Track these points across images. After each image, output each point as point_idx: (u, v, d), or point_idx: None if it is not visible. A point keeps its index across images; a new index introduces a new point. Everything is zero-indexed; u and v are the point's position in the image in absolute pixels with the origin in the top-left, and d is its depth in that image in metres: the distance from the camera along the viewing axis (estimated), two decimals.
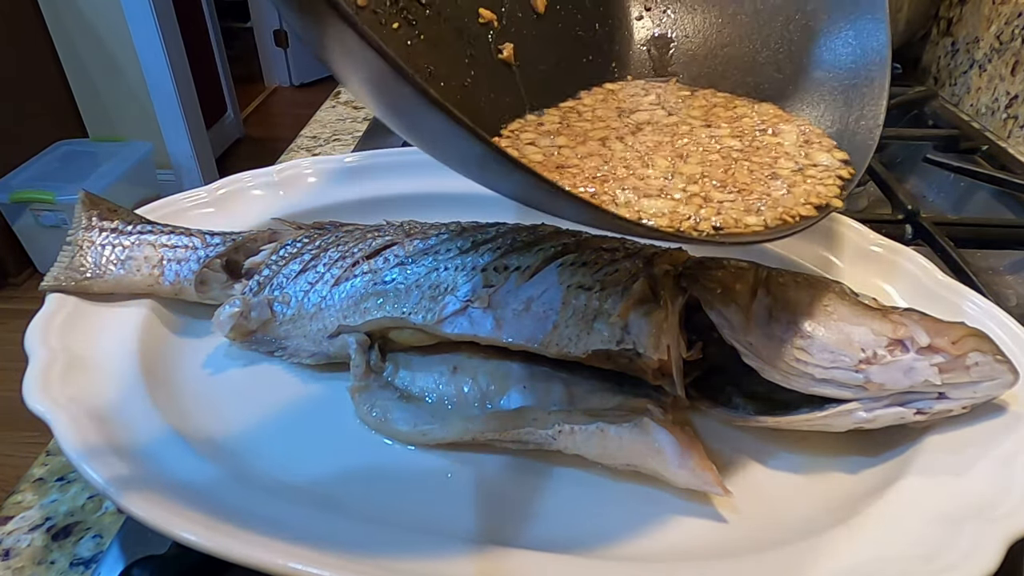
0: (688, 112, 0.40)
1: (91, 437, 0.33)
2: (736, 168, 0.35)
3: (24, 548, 0.35)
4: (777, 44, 0.44)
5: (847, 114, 0.38)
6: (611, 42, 0.47)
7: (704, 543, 0.32)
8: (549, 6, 0.44)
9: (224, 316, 0.42)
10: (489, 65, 0.41)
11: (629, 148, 0.37)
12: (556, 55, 0.44)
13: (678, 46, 0.47)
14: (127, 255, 0.44)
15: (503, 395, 0.38)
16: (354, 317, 0.40)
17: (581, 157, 0.36)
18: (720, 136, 0.37)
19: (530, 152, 0.36)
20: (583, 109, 0.42)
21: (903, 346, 0.33)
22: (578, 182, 0.34)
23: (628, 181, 0.34)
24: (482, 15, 0.41)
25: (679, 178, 0.34)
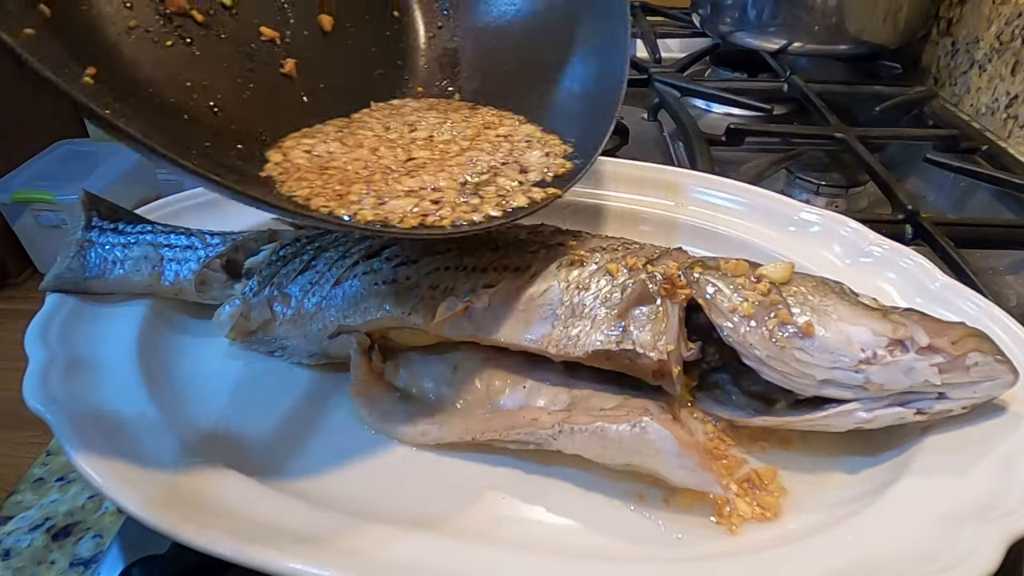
0: (463, 131, 0.44)
1: (91, 437, 0.33)
2: (481, 181, 0.39)
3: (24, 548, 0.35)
4: (539, 65, 0.49)
5: (588, 128, 0.44)
6: (404, 57, 0.51)
7: (704, 543, 0.32)
8: (337, 24, 0.47)
9: (224, 316, 0.42)
10: (271, 79, 0.43)
11: (397, 160, 0.40)
12: (344, 70, 0.47)
13: (465, 62, 0.52)
14: (127, 255, 0.44)
15: (503, 395, 0.38)
16: (354, 317, 0.40)
17: (347, 162, 0.39)
18: (479, 154, 0.42)
19: (296, 156, 0.39)
20: (368, 120, 0.45)
21: (903, 346, 0.33)
22: (329, 183, 0.37)
23: (378, 185, 0.37)
24: (263, 33, 0.44)
25: (430, 188, 0.38)
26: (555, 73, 0.48)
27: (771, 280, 0.37)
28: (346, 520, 0.31)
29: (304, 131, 0.42)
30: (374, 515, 0.32)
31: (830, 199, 0.66)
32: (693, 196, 0.52)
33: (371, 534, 0.30)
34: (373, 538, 0.30)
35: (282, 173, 0.38)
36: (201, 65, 0.39)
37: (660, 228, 0.51)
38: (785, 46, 0.85)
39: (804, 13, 0.81)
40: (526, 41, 0.50)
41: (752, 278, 0.37)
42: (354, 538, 0.30)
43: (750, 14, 0.85)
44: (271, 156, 0.39)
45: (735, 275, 0.37)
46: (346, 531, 0.30)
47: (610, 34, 0.46)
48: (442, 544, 0.30)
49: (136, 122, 0.30)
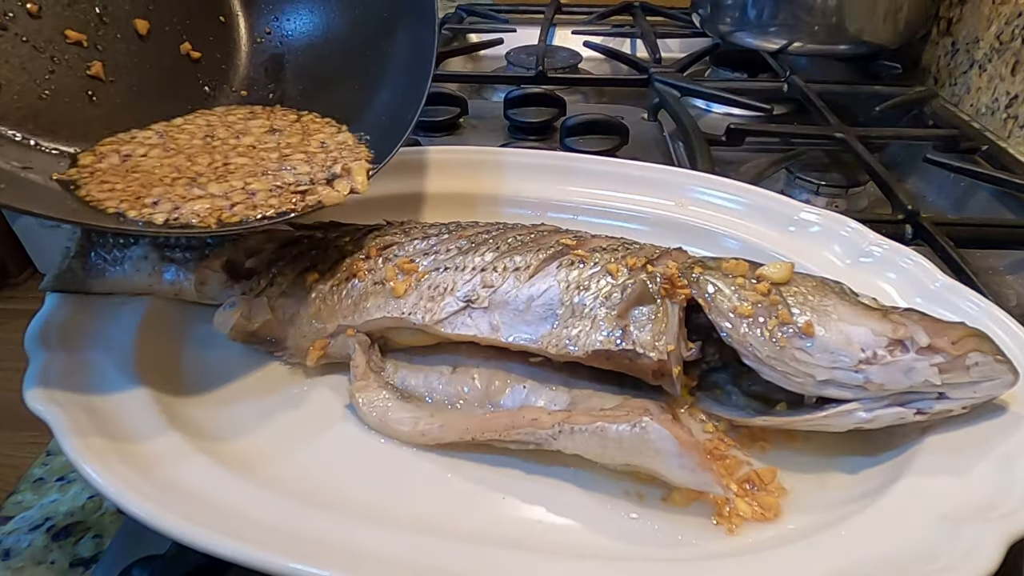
0: (287, 138, 0.46)
1: (91, 437, 0.33)
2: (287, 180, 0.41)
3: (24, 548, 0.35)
4: (358, 80, 0.51)
5: (388, 134, 0.46)
6: (228, 61, 0.52)
7: (704, 543, 0.32)
8: (155, 28, 0.48)
9: (224, 316, 0.42)
10: (76, 81, 0.44)
11: (211, 166, 0.42)
12: (162, 73, 0.49)
13: (290, 69, 0.53)
14: (127, 255, 0.44)
15: (503, 395, 0.38)
16: (354, 317, 0.40)
17: (157, 166, 0.41)
18: (295, 161, 0.43)
19: (107, 160, 0.41)
20: (190, 127, 0.46)
21: (903, 346, 0.33)
22: (131, 187, 0.39)
23: (180, 189, 0.39)
24: (68, 36, 0.44)
25: (236, 190, 0.40)
26: (371, 83, 0.50)
27: (771, 280, 0.37)
28: (345, 520, 0.31)
29: (122, 136, 0.44)
30: (374, 515, 0.32)
31: (830, 199, 0.66)
32: (693, 196, 0.52)
33: (371, 534, 0.30)
34: (372, 538, 0.30)
35: (86, 176, 0.39)
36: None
37: (660, 228, 0.51)
38: (785, 46, 0.85)
39: (804, 13, 0.81)
40: (346, 52, 0.52)
41: (752, 278, 0.37)
42: (354, 538, 0.30)
43: (750, 14, 0.85)
44: (82, 159, 0.41)
45: (735, 275, 0.37)
46: (345, 531, 0.30)
47: (417, 53, 0.48)
48: (442, 544, 0.30)
49: None
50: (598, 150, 0.67)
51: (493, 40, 1.00)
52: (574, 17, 1.10)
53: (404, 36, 0.50)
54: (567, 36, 1.03)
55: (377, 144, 0.46)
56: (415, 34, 0.49)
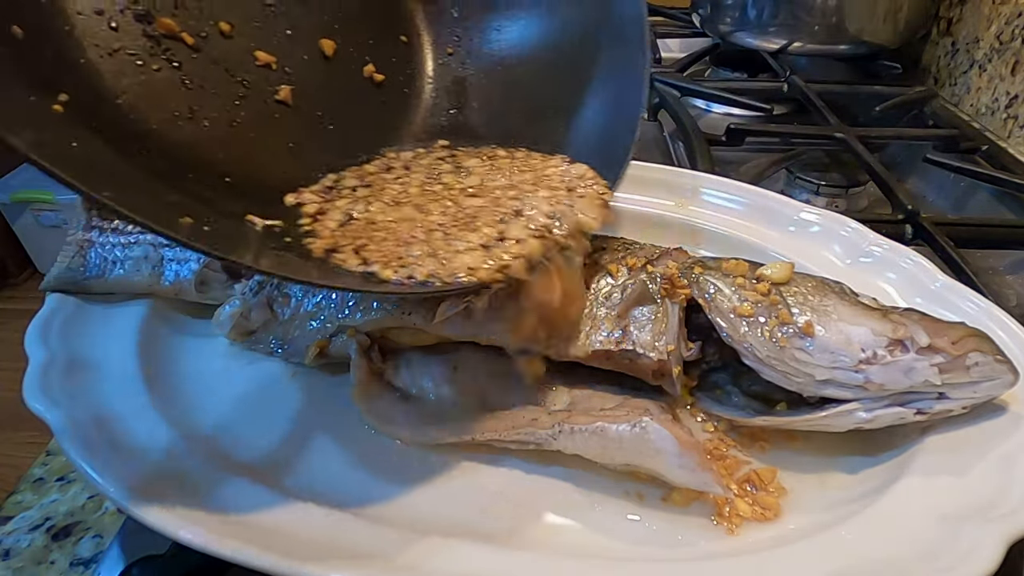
0: (515, 176, 0.41)
1: (91, 437, 0.33)
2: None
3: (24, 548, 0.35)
4: (553, 101, 0.46)
5: (597, 164, 0.41)
6: (411, 85, 0.48)
7: (704, 543, 0.32)
8: (339, 50, 0.44)
9: (224, 316, 0.42)
10: (264, 107, 0.40)
11: (446, 214, 0.37)
12: (346, 98, 0.44)
13: (473, 94, 0.48)
14: (127, 255, 0.44)
15: (503, 395, 0.38)
16: (354, 317, 0.40)
17: (392, 221, 0.37)
18: (536, 200, 0.38)
19: (327, 216, 0.37)
20: (392, 173, 0.42)
21: (903, 346, 0.33)
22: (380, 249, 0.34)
23: (437, 244, 0.35)
24: (258, 57, 0.41)
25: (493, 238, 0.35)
26: (568, 108, 0.45)
27: (771, 280, 0.37)
28: (345, 520, 0.31)
29: (325, 180, 0.40)
30: (373, 515, 0.32)
31: (830, 199, 0.66)
32: (693, 196, 0.52)
33: (370, 534, 0.30)
34: (372, 538, 0.30)
35: (304, 226, 0.35)
36: (189, 90, 0.37)
37: (660, 228, 0.51)
38: (785, 46, 0.85)
39: (804, 13, 0.81)
40: (539, 73, 0.47)
41: (752, 278, 0.37)
42: (353, 538, 0.30)
43: (750, 14, 0.85)
44: (288, 200, 0.37)
45: (735, 275, 0.37)
46: (345, 531, 0.30)
47: (627, 68, 0.44)
48: (441, 544, 0.30)
49: (105, 154, 0.28)
50: None
51: None
52: None
53: (606, 59, 0.45)
54: None
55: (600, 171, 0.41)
56: (620, 58, 0.44)
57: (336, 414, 0.39)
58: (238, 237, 0.32)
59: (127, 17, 0.35)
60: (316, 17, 0.44)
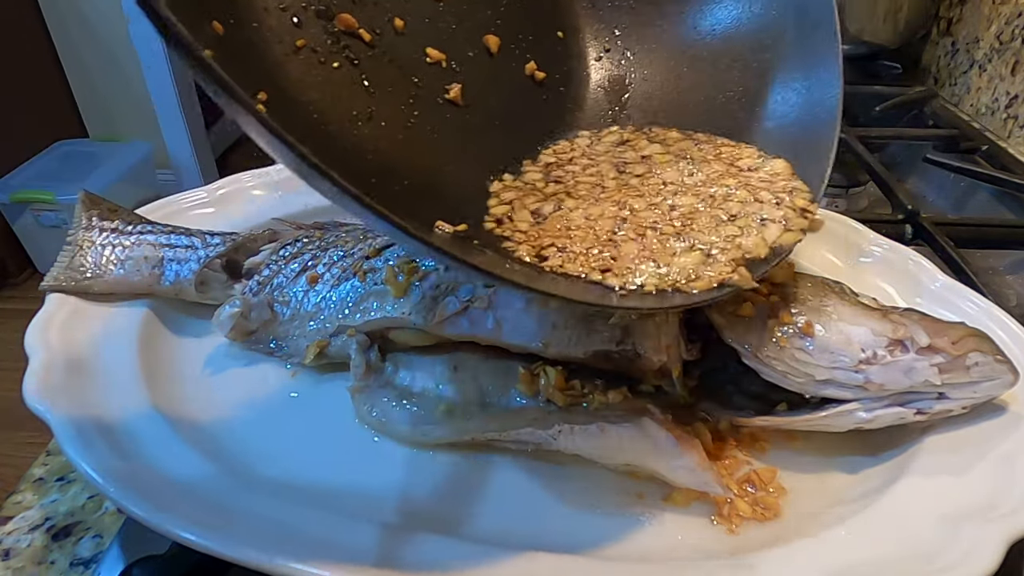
0: (709, 167, 0.38)
1: (91, 437, 0.33)
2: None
3: (24, 548, 0.35)
4: (732, 91, 0.43)
5: (800, 162, 0.38)
6: (568, 83, 0.46)
7: (704, 543, 0.32)
8: (503, 46, 0.42)
9: (224, 316, 0.42)
10: (435, 105, 0.39)
11: (653, 211, 0.35)
12: (510, 95, 0.43)
13: (635, 88, 0.46)
14: (127, 255, 0.44)
15: (503, 395, 0.38)
16: (354, 317, 0.40)
17: (588, 219, 0.34)
18: (743, 196, 0.36)
19: (515, 215, 0.35)
20: (569, 164, 0.40)
21: (903, 346, 0.33)
22: (584, 250, 0.32)
23: (652, 245, 0.32)
24: (429, 55, 0.39)
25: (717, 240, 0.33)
26: (750, 103, 0.42)
27: (771, 280, 0.37)
28: (345, 520, 0.31)
29: (507, 180, 0.39)
30: (373, 515, 0.32)
31: (830, 199, 0.66)
32: None
33: (370, 534, 0.30)
34: (371, 538, 0.30)
35: (504, 230, 0.34)
36: (366, 90, 0.36)
37: None
38: None
39: None
40: (711, 67, 0.44)
41: None
42: (353, 538, 0.30)
43: None
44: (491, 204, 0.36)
45: None
46: (345, 531, 0.30)
47: (818, 58, 0.40)
48: (441, 544, 0.30)
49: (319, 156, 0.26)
50: None
51: None
52: None
53: (788, 52, 0.41)
54: None
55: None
56: (808, 45, 0.40)
57: (336, 414, 0.39)
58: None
59: (309, 13, 0.34)
60: (480, 12, 0.42)
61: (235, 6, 0.30)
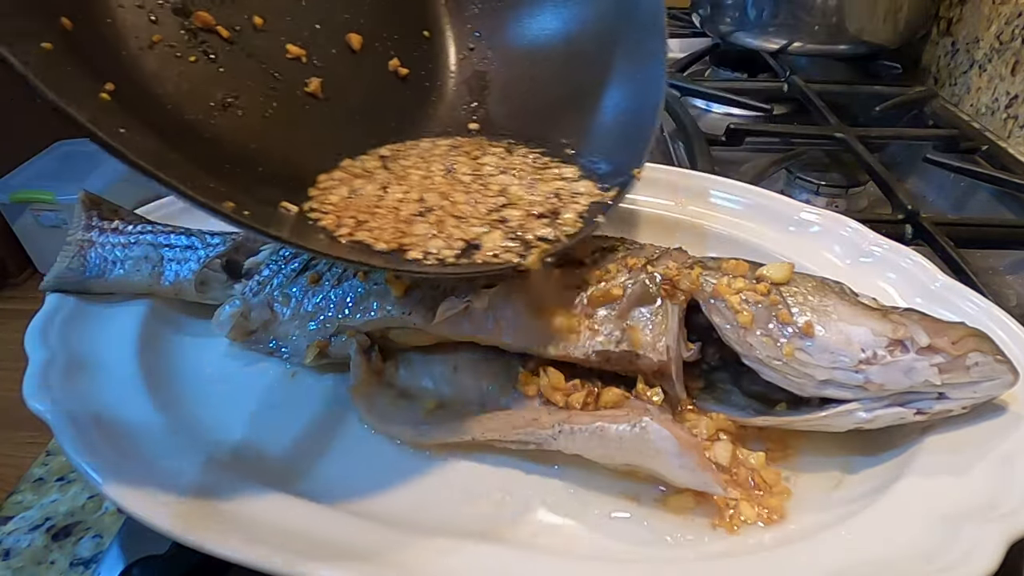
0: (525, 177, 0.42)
1: (91, 437, 0.33)
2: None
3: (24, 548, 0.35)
4: (577, 88, 0.47)
5: (621, 156, 0.42)
6: (432, 79, 0.49)
7: (704, 543, 0.32)
8: (366, 44, 0.46)
9: (224, 316, 0.42)
10: (294, 97, 0.42)
11: (469, 203, 0.39)
12: (372, 90, 0.46)
13: (495, 85, 0.50)
14: (127, 255, 0.44)
15: (503, 395, 0.38)
16: (354, 317, 0.40)
17: (400, 203, 0.38)
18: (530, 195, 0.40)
19: (338, 195, 0.38)
20: (409, 159, 0.43)
21: (903, 346, 0.33)
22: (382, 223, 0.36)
23: (446, 219, 0.37)
24: (290, 51, 0.42)
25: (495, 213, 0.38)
26: (589, 100, 0.46)
27: (771, 280, 0.37)
28: (344, 520, 0.31)
29: (353, 166, 0.41)
30: (373, 515, 0.32)
31: (830, 199, 0.66)
32: (693, 196, 0.52)
33: (370, 534, 0.30)
34: (371, 538, 0.30)
35: (327, 209, 0.36)
36: (224, 82, 0.38)
37: (660, 228, 0.51)
38: (785, 46, 0.85)
39: (804, 13, 0.81)
40: (559, 66, 0.48)
41: (752, 278, 0.37)
42: (352, 538, 0.30)
43: (750, 14, 0.85)
44: (318, 187, 0.38)
45: (735, 275, 0.37)
46: (344, 531, 0.30)
47: (647, 58, 0.44)
48: (441, 545, 0.30)
49: (150, 142, 0.29)
50: None
51: None
52: None
53: (623, 46, 0.46)
54: None
55: (605, 176, 0.42)
56: (637, 43, 0.45)
57: (336, 414, 0.39)
58: (274, 221, 0.33)
59: (165, 10, 0.37)
60: (343, 12, 0.45)
61: (88, 3, 0.33)
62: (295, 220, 0.34)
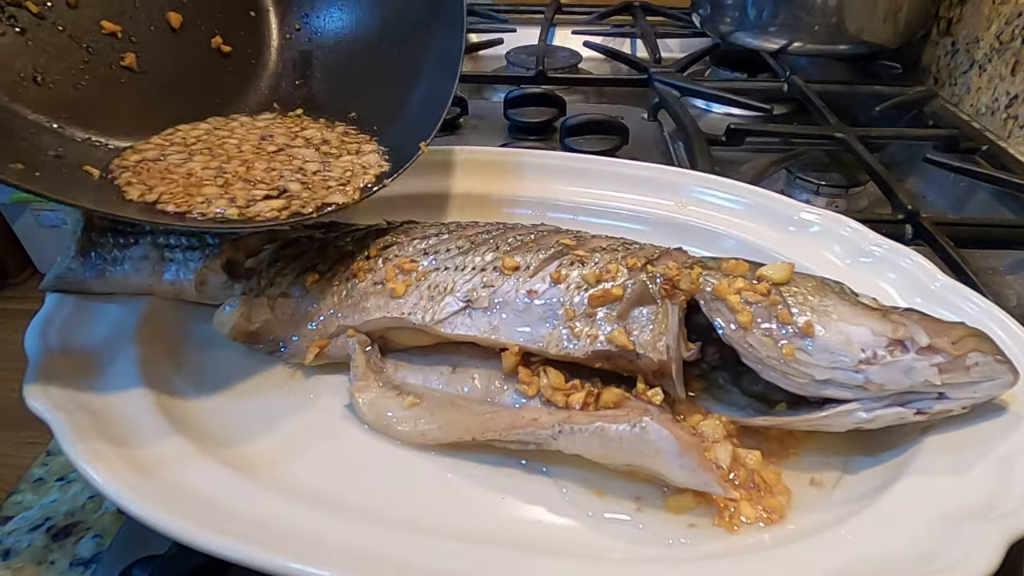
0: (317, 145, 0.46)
1: (91, 437, 0.33)
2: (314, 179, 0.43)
3: (24, 548, 0.35)
4: (389, 77, 0.51)
5: (415, 134, 0.46)
6: (258, 56, 0.52)
7: (704, 543, 0.32)
8: (187, 21, 0.48)
9: (224, 316, 0.42)
10: (110, 72, 0.44)
11: (268, 170, 0.42)
12: (193, 66, 0.49)
13: (320, 66, 0.53)
14: (127, 255, 0.44)
15: (503, 395, 0.38)
16: (354, 317, 0.40)
17: (201, 169, 0.41)
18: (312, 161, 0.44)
19: (145, 159, 0.42)
20: (229, 131, 0.46)
21: (903, 346, 0.33)
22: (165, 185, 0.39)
23: (230, 186, 0.40)
24: (104, 26, 0.44)
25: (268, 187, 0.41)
26: (396, 81, 0.50)
27: (771, 280, 0.37)
28: (345, 520, 0.31)
29: (165, 135, 0.44)
30: (373, 515, 0.32)
31: (830, 199, 0.66)
32: (693, 196, 0.52)
33: (370, 534, 0.30)
34: (372, 538, 0.30)
35: (125, 171, 0.40)
36: (33, 55, 0.40)
37: (660, 228, 0.51)
38: (785, 46, 0.85)
39: (804, 13, 0.81)
40: (373, 50, 0.52)
41: (752, 278, 0.37)
42: (353, 538, 0.30)
43: (750, 14, 0.85)
44: (126, 156, 0.41)
45: (735, 275, 0.37)
46: (345, 531, 0.30)
47: (448, 51, 0.49)
48: (442, 544, 0.30)
49: None
50: (598, 150, 0.67)
51: (493, 40, 1.00)
52: (574, 17, 1.10)
53: (432, 40, 0.50)
54: (567, 36, 1.03)
55: (397, 153, 0.46)
56: (443, 38, 0.49)
57: (336, 414, 0.39)
58: (73, 184, 0.36)
59: None
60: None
61: None
62: (97, 184, 0.38)
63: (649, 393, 0.36)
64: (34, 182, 0.31)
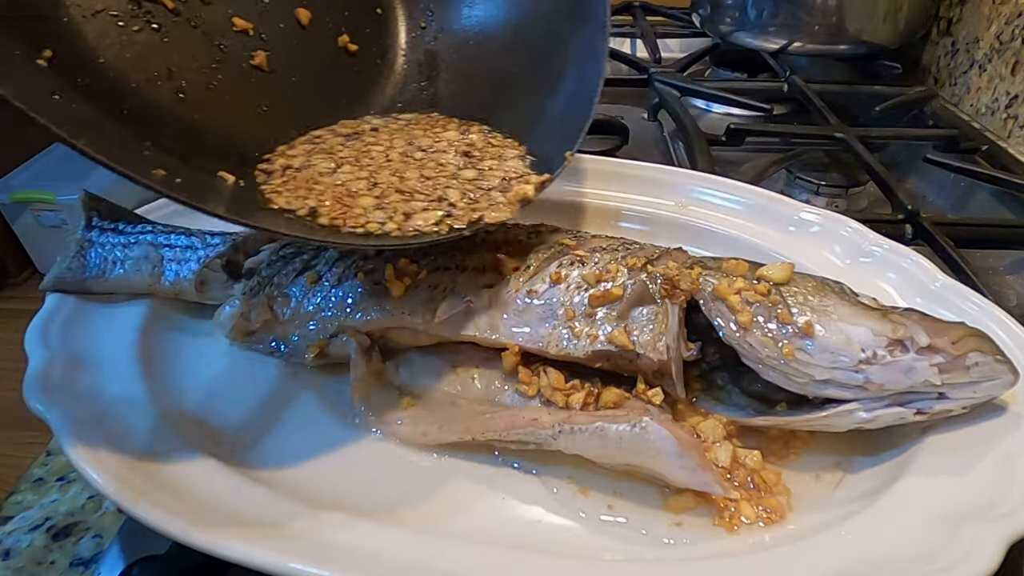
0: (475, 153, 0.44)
1: (91, 437, 0.33)
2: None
3: (24, 548, 0.35)
4: (524, 75, 0.48)
5: (558, 143, 0.44)
6: (384, 56, 0.50)
7: (704, 543, 0.32)
8: (315, 18, 0.47)
9: (224, 316, 0.42)
10: (240, 69, 0.43)
11: (422, 179, 0.40)
12: (321, 65, 0.47)
13: (446, 65, 0.51)
14: (127, 255, 0.44)
15: (503, 395, 0.38)
16: (354, 317, 0.40)
17: (353, 179, 0.39)
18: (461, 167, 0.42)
19: (290, 170, 0.40)
20: (373, 137, 0.44)
21: (903, 346, 0.33)
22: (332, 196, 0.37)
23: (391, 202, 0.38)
24: (236, 23, 0.43)
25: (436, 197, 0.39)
26: (532, 84, 0.48)
27: (771, 280, 0.37)
28: (345, 520, 0.31)
29: (303, 141, 0.42)
30: (374, 515, 0.32)
31: (830, 199, 0.66)
32: (693, 196, 0.52)
33: (371, 534, 0.30)
34: (372, 538, 0.30)
35: (278, 181, 0.38)
36: (168, 52, 0.39)
37: (660, 228, 0.51)
38: (785, 46, 0.85)
39: (804, 13, 0.81)
40: (507, 50, 0.49)
41: (752, 278, 0.37)
42: (353, 538, 0.30)
43: (750, 14, 0.85)
44: (274, 160, 0.39)
45: (735, 275, 0.37)
46: (345, 531, 0.30)
47: (592, 55, 0.46)
48: (442, 544, 0.30)
49: (84, 109, 0.30)
50: (598, 150, 0.67)
51: None
52: None
53: (572, 42, 0.47)
54: None
55: (542, 160, 0.44)
56: (583, 40, 0.47)
57: (336, 414, 0.39)
58: (209, 190, 0.34)
59: None
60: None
61: None
62: (232, 191, 0.35)
63: (649, 393, 0.36)
64: (178, 189, 0.29)
